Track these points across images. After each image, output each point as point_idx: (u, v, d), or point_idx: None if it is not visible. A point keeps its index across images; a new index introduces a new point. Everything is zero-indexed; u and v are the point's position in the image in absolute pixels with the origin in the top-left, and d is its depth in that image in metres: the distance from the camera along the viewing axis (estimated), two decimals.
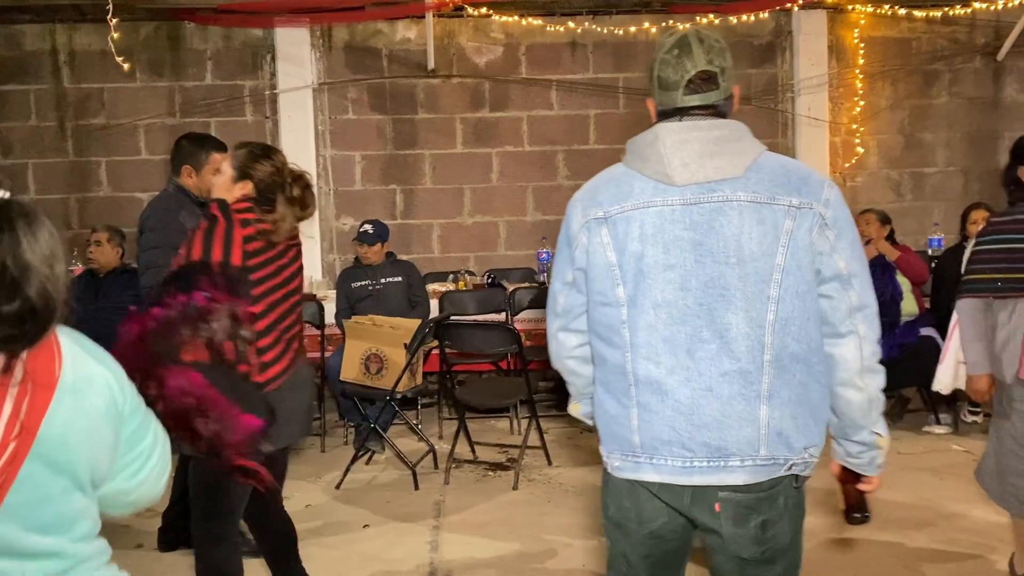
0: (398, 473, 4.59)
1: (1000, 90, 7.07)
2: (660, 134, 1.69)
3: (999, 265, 2.90)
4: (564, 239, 1.83)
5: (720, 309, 1.64)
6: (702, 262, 1.64)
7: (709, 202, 1.65)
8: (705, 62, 1.68)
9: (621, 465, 1.76)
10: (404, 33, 6.85)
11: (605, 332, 1.76)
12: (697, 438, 1.65)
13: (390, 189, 6.92)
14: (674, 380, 1.66)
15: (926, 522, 3.76)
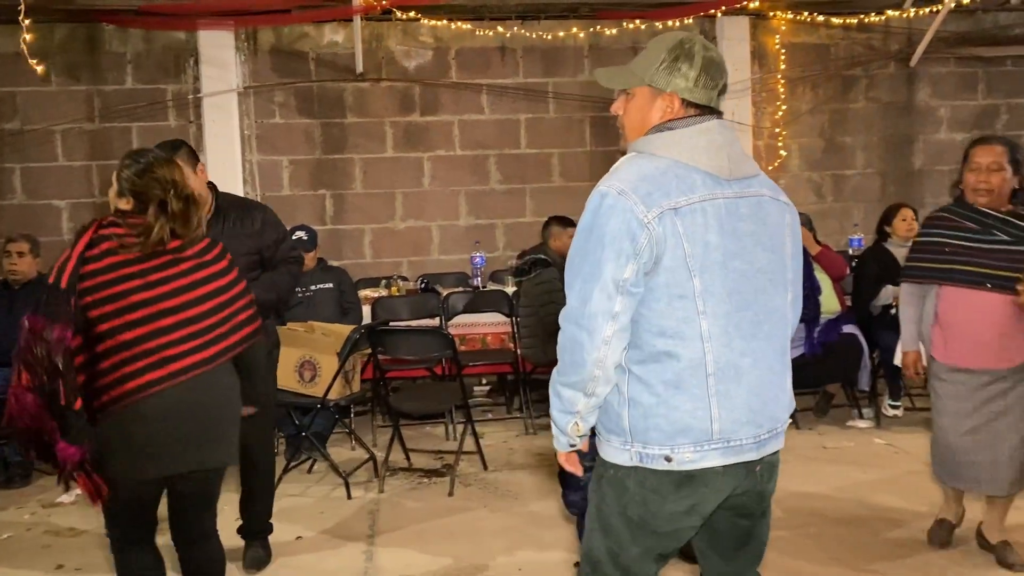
0: (332, 483, 4.52)
1: (913, 95, 7.35)
2: (714, 132, 1.80)
3: (924, 255, 3.30)
4: (619, 232, 1.71)
5: (770, 293, 1.83)
6: (756, 251, 1.81)
7: (752, 196, 1.83)
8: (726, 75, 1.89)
9: (693, 457, 1.77)
10: (331, 36, 6.78)
11: (676, 327, 1.74)
12: (764, 413, 1.82)
13: (319, 194, 6.83)
14: (746, 363, 1.79)
15: (850, 513, 3.87)
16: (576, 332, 1.76)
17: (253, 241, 3.35)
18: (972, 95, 7.42)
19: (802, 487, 4.23)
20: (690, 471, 1.77)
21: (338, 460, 4.67)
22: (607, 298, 1.73)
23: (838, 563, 3.39)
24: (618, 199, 1.73)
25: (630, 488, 1.82)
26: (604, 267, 1.72)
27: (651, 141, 1.81)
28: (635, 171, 1.77)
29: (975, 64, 7.37)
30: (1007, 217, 3.15)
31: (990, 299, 3.10)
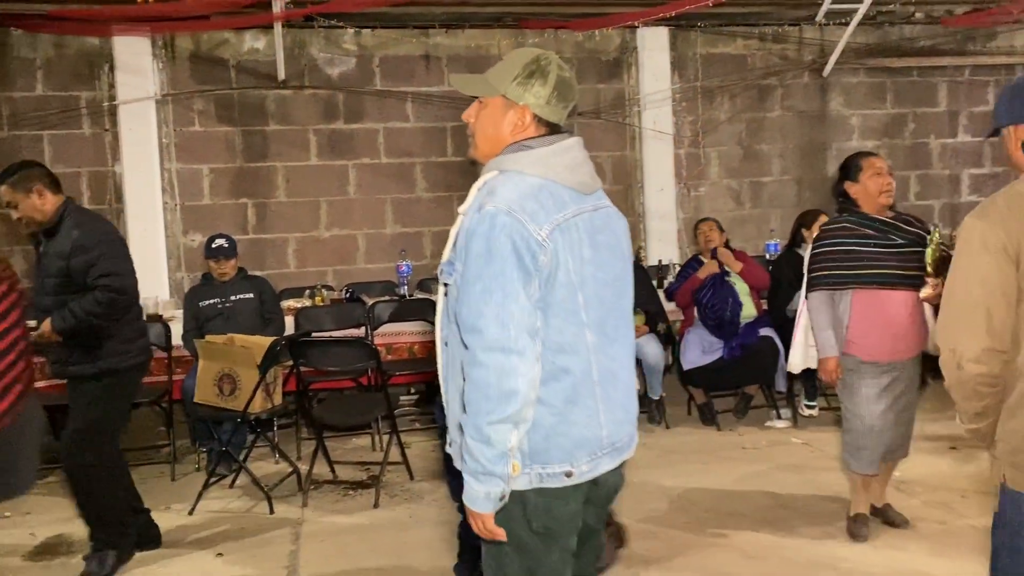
0: (254, 499, 4.45)
1: (826, 104, 7.61)
2: (572, 151, 1.86)
3: (832, 263, 3.48)
4: (517, 252, 1.69)
5: (625, 299, 1.95)
6: (612, 260, 1.89)
7: (603, 209, 1.92)
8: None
9: (589, 467, 1.83)
10: (252, 43, 6.68)
11: (572, 341, 1.78)
12: (632, 410, 1.96)
13: (241, 203, 6.72)
14: (617, 366, 1.89)
15: (769, 511, 3.98)
16: (504, 359, 1.67)
17: (62, 262, 3.38)
18: (881, 104, 7.72)
19: (722, 487, 4.34)
20: (581, 483, 1.83)
21: (261, 474, 4.60)
22: (528, 315, 1.70)
23: (756, 560, 3.48)
24: (511, 218, 1.70)
25: (531, 500, 1.80)
26: (517, 287, 1.69)
27: (517, 160, 1.80)
28: (515, 191, 1.75)
29: (883, 74, 7.67)
30: (896, 223, 3.45)
31: (898, 297, 3.40)
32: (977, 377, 1.88)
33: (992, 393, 1.90)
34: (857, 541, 3.58)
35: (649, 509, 4.09)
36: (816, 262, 3.54)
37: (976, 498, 3.97)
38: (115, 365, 3.51)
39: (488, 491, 1.71)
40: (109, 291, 3.38)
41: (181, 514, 4.28)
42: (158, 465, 5.05)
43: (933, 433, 5.04)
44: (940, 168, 7.88)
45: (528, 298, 1.71)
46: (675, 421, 5.57)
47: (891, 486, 3.96)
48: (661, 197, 7.28)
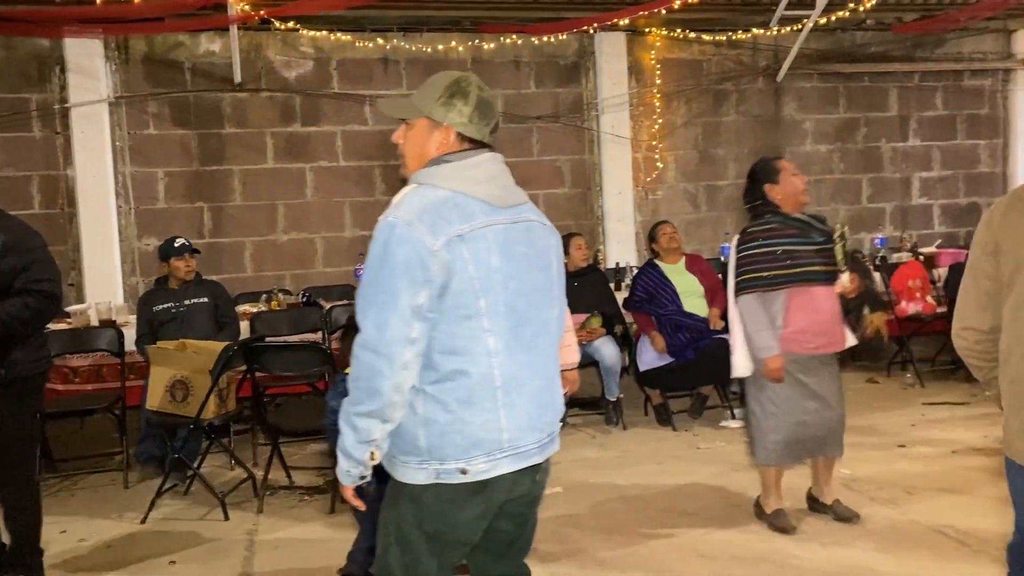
0: (209, 505, 4.41)
1: (780, 109, 7.74)
2: (487, 164, 1.95)
3: (764, 265, 3.56)
4: (413, 261, 1.79)
5: (545, 308, 2.01)
6: (530, 271, 1.96)
7: (522, 221, 1.98)
8: (499, 111, 2.04)
9: (486, 467, 1.88)
10: (208, 46, 6.63)
11: (466, 345, 1.86)
12: (543, 418, 2.00)
13: (197, 207, 6.65)
14: (527, 373, 1.94)
15: (720, 512, 4.04)
16: (374, 360, 1.81)
17: None
18: (834, 109, 7.87)
19: (676, 486, 4.39)
20: (483, 480, 1.89)
21: (216, 481, 4.57)
22: (404, 324, 1.80)
23: (707, 558, 3.53)
24: (407, 229, 1.81)
25: (427, 503, 1.90)
26: (399, 295, 1.80)
27: (431, 173, 1.92)
28: (419, 202, 1.86)
29: (836, 80, 7.82)
30: (812, 222, 3.64)
31: (827, 292, 3.58)
32: (962, 350, 2.23)
33: (984, 365, 2.19)
34: (788, 533, 3.67)
35: (604, 509, 4.13)
36: (747, 264, 3.59)
37: (923, 495, 4.07)
38: (26, 372, 3.33)
39: (348, 469, 1.91)
40: (43, 297, 3.24)
41: (134, 522, 4.24)
42: (110, 473, 4.98)
43: (884, 431, 5.16)
44: (891, 171, 8.05)
45: (411, 307, 1.80)
46: (632, 422, 5.62)
47: (841, 484, 4.05)
48: (619, 200, 7.35)
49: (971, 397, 5.83)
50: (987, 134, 8.26)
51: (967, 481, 4.23)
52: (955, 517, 3.77)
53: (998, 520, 3.70)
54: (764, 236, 3.58)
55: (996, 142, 8.30)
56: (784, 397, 3.60)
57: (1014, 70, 8.12)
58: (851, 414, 5.39)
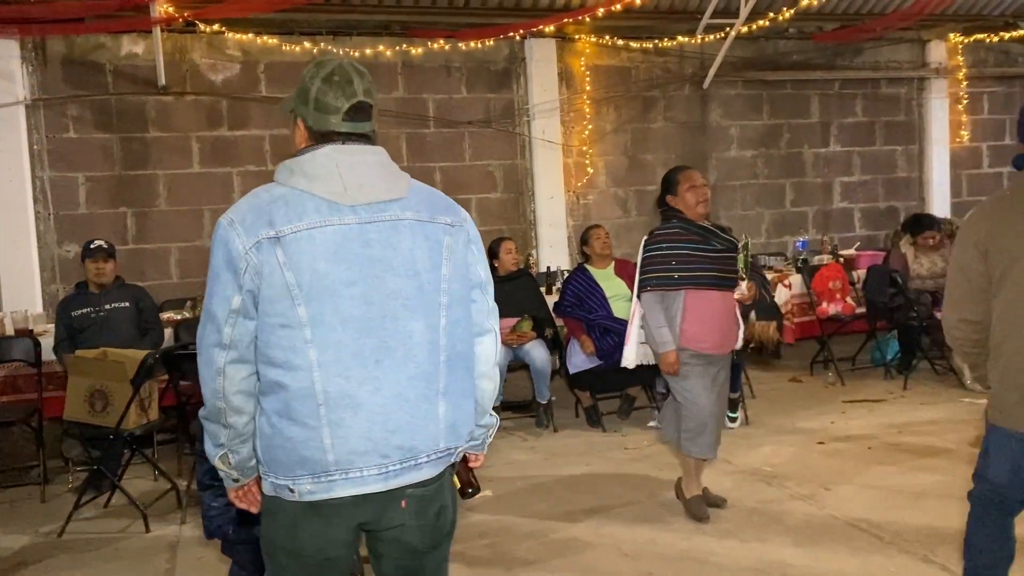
0: (130, 517, 4.31)
1: (706, 115, 7.91)
2: (333, 155, 1.77)
3: (665, 266, 3.77)
4: (223, 264, 1.72)
5: (403, 319, 1.77)
6: (383, 276, 1.76)
7: (383, 220, 1.77)
8: (363, 93, 1.81)
9: (313, 488, 1.73)
10: (130, 48, 6.48)
11: (284, 356, 1.71)
12: (391, 443, 1.76)
13: (120, 212, 6.50)
14: (366, 391, 1.73)
15: (645, 511, 4.11)
16: (200, 364, 1.76)
17: None
18: (758, 115, 8.07)
19: (603, 486, 4.46)
20: (314, 502, 1.74)
21: (139, 492, 4.47)
22: (216, 330, 1.73)
23: (630, 557, 3.59)
24: (226, 230, 1.72)
25: (275, 515, 1.81)
26: (213, 298, 1.74)
27: (279, 170, 1.81)
28: (249, 201, 1.77)
29: (760, 87, 8.02)
30: (714, 230, 3.82)
31: (722, 297, 3.79)
32: (956, 340, 2.46)
33: (973, 352, 2.45)
34: (701, 521, 3.86)
35: (532, 511, 4.16)
36: (649, 264, 3.81)
37: (840, 490, 4.20)
38: None
39: (218, 467, 1.85)
40: None
41: (50, 536, 4.12)
42: (27, 487, 4.84)
43: (804, 428, 5.31)
44: (813, 176, 8.29)
45: (225, 311, 1.72)
46: (563, 424, 5.68)
47: (760, 480, 4.18)
48: (551, 205, 7.42)
49: (888, 394, 6.04)
50: (903, 140, 8.57)
51: (882, 476, 4.38)
52: (869, 511, 3.91)
53: (910, 512, 3.87)
54: (666, 239, 3.79)
55: (912, 148, 8.61)
56: (693, 386, 3.80)
57: (928, 78, 8.44)
58: (774, 412, 5.62)
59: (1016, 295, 2.30)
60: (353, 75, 1.80)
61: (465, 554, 3.67)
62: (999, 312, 2.34)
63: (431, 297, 1.81)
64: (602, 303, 5.61)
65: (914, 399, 5.90)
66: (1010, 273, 2.30)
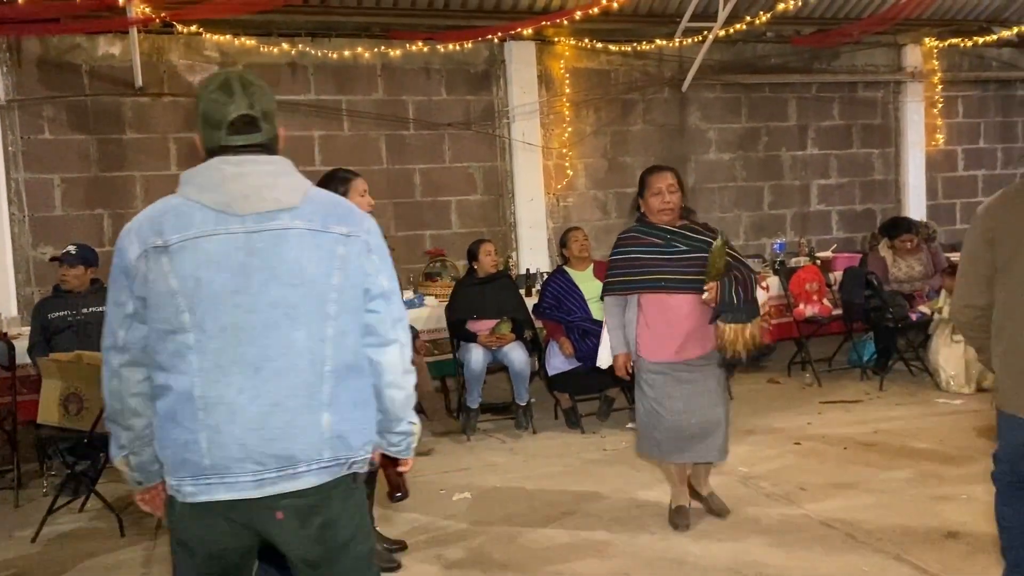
0: (106, 521, 4.28)
1: (685, 118, 7.95)
2: (220, 167, 1.81)
3: (622, 270, 3.77)
4: (119, 270, 1.81)
5: (285, 328, 1.79)
6: (267, 285, 1.78)
7: (270, 230, 1.79)
8: (246, 106, 1.83)
9: (193, 490, 1.78)
10: (107, 48, 6.44)
11: (170, 360, 1.77)
12: (267, 451, 1.78)
13: (96, 214, 6.45)
14: (243, 399, 1.77)
15: (622, 513, 4.13)
16: (103, 365, 1.85)
17: None
18: (736, 118, 8.13)
19: (581, 488, 4.47)
20: (195, 503, 1.79)
21: (115, 496, 4.43)
22: (112, 333, 1.83)
23: (607, 559, 3.61)
24: (123, 239, 1.81)
25: (170, 511, 1.87)
26: (110, 303, 1.83)
27: (179, 181, 1.87)
28: (147, 211, 1.84)
29: (738, 90, 8.07)
30: (682, 231, 3.73)
31: (683, 300, 3.68)
32: (963, 324, 2.62)
33: (979, 336, 2.56)
34: (678, 530, 3.81)
35: (509, 513, 4.17)
36: (611, 268, 3.85)
37: (815, 490, 4.24)
38: None
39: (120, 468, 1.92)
40: None
41: (24, 541, 4.08)
42: (0, 492, 4.79)
43: (781, 429, 5.35)
44: (791, 179, 8.36)
45: (120, 315, 1.81)
46: (542, 426, 5.70)
47: (736, 480, 4.19)
48: (531, 207, 7.43)
49: (864, 395, 6.10)
50: (880, 143, 8.66)
51: (856, 476, 4.42)
52: (844, 511, 3.95)
53: (884, 512, 3.91)
54: (626, 243, 3.81)
55: (889, 151, 8.70)
56: (653, 396, 3.75)
57: (904, 82, 8.53)
58: (751, 414, 5.65)
59: (1017, 284, 2.42)
60: (237, 88, 1.83)
61: (442, 556, 3.68)
62: (1001, 299, 2.46)
63: (317, 307, 1.81)
64: (581, 305, 5.63)
65: (890, 399, 5.96)
66: (1013, 263, 2.42)
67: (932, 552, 3.46)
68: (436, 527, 4.02)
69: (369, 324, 1.90)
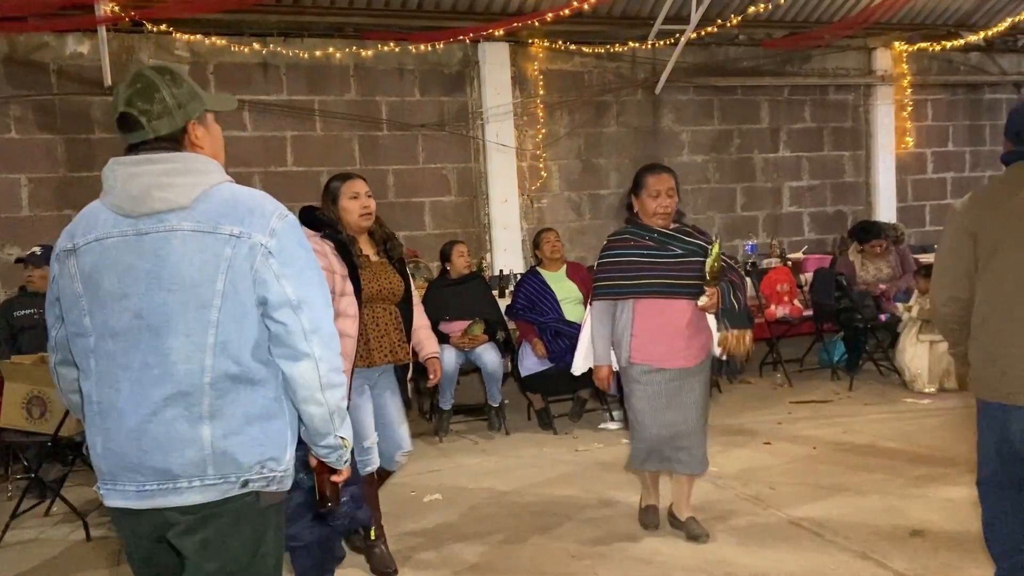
0: (72, 525, 4.22)
1: (658, 120, 7.98)
2: (115, 168, 1.78)
3: (614, 274, 3.57)
4: (52, 274, 1.86)
5: (164, 334, 1.71)
6: (152, 289, 1.71)
7: (157, 232, 1.72)
8: (123, 104, 1.78)
9: (104, 494, 1.80)
10: (75, 47, 6.36)
11: (81, 362, 1.80)
12: (146, 463, 1.72)
13: (64, 215, 6.36)
14: (128, 406, 1.72)
15: (593, 513, 4.13)
16: None
17: None
18: (709, 120, 8.17)
19: (552, 489, 4.48)
20: (111, 507, 1.80)
21: (81, 500, 4.37)
22: (49, 333, 1.90)
23: (578, 559, 3.61)
24: (57, 243, 1.85)
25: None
26: (47, 303, 1.89)
27: None
28: (78, 214, 1.87)
29: (711, 93, 8.12)
30: (676, 234, 3.56)
31: (678, 306, 3.51)
32: (945, 316, 2.65)
33: (958, 328, 2.62)
34: (647, 529, 3.82)
35: (481, 514, 4.16)
36: (601, 271, 3.64)
37: (784, 490, 4.27)
38: None
39: None
40: None
41: None
42: None
43: (752, 429, 5.39)
44: (763, 181, 8.42)
45: (51, 316, 1.88)
46: (515, 427, 5.70)
47: (706, 480, 4.19)
48: (505, 208, 7.43)
49: (834, 395, 6.16)
50: (851, 146, 8.74)
51: (825, 475, 4.46)
52: (812, 510, 3.98)
53: (850, 511, 3.95)
54: (618, 246, 3.60)
55: (859, 153, 8.79)
56: (641, 407, 3.59)
57: (874, 85, 8.62)
58: (722, 414, 5.69)
59: (999, 276, 2.48)
60: (122, 86, 1.80)
61: (412, 558, 3.67)
62: (984, 291, 2.52)
63: (198, 313, 1.70)
64: (554, 306, 5.64)
65: (859, 399, 6.02)
66: (995, 256, 2.48)
67: (897, 550, 3.49)
68: (407, 529, 4.01)
69: (276, 335, 1.75)
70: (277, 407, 1.79)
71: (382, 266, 3.44)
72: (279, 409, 1.80)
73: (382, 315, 3.41)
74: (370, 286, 3.34)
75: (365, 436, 3.37)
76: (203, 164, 1.79)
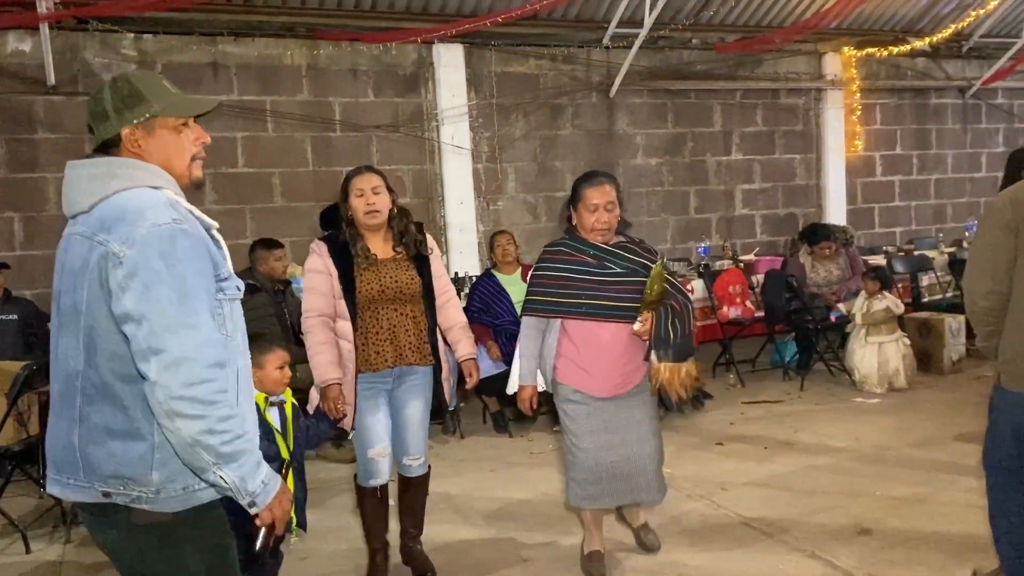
0: (10, 537, 4.10)
1: (613, 123, 8.03)
2: (66, 170, 1.86)
3: (545, 289, 3.27)
4: None
5: (61, 333, 1.78)
6: (63, 289, 1.79)
7: (69, 234, 1.80)
8: (88, 111, 1.88)
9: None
10: (16, 45, 6.20)
11: None
12: (51, 454, 1.82)
13: (6, 217, 6.20)
14: (59, 404, 1.80)
15: (546, 515, 4.13)
16: None
17: None
18: (663, 124, 8.24)
19: (506, 492, 4.46)
20: None
21: (20, 511, 4.25)
22: None
23: (529, 562, 3.60)
24: None
25: None
26: None
27: None
28: None
29: (665, 96, 8.19)
30: (617, 250, 3.25)
31: (613, 330, 3.21)
32: (984, 309, 2.67)
33: (995, 321, 2.66)
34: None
35: (432, 519, 4.09)
36: (532, 284, 3.32)
37: (735, 490, 4.30)
38: None
39: None
40: None
41: None
42: None
43: (705, 430, 5.43)
44: (716, 184, 8.51)
45: None
46: (470, 430, 5.67)
47: None
48: (461, 210, 7.41)
49: (786, 395, 6.23)
50: (802, 149, 8.88)
51: (775, 475, 4.51)
52: (763, 509, 4.02)
53: (800, 510, 3.99)
54: (554, 258, 3.28)
55: (810, 156, 8.93)
56: (576, 429, 3.29)
57: (824, 90, 8.76)
58: (674, 415, 5.71)
59: None
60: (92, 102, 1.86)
61: (362, 566, 3.62)
62: (1020, 286, 2.58)
63: (74, 318, 1.73)
64: (509, 309, 5.63)
65: (809, 399, 6.10)
66: None
67: (845, 548, 3.54)
68: (357, 535, 3.96)
69: (132, 352, 1.66)
70: (143, 428, 1.70)
71: (393, 264, 3.23)
72: (146, 431, 1.70)
73: (388, 316, 3.21)
74: (370, 287, 3.16)
75: (369, 445, 3.24)
76: (127, 170, 1.76)
